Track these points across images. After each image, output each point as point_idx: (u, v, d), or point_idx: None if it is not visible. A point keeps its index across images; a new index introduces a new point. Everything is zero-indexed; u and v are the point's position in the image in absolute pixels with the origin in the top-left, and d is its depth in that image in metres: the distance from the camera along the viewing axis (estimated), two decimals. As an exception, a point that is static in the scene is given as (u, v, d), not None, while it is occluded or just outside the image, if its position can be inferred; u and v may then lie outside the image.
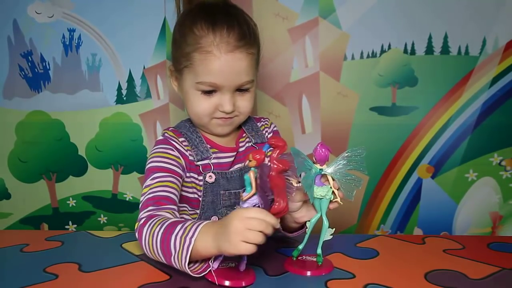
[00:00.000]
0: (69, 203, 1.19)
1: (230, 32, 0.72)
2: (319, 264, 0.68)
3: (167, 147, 0.77)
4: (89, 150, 1.17)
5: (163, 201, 0.71)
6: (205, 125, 0.78)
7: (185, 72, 0.76)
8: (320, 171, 0.65)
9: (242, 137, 0.85)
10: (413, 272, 0.67)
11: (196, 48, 0.72)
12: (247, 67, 0.74)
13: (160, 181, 0.73)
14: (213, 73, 0.72)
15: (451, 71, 1.13)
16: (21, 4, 1.11)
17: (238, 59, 0.73)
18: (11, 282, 0.64)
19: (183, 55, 0.75)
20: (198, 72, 0.73)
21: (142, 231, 0.67)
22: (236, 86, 0.75)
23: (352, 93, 1.14)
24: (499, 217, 1.17)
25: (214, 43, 0.71)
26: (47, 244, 0.81)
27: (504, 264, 0.71)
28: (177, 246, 0.62)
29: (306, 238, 0.69)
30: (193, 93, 0.75)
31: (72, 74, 1.14)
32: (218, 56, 0.71)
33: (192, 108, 0.77)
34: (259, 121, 0.89)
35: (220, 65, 0.72)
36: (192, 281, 0.63)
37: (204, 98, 0.75)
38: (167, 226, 0.64)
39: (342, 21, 1.12)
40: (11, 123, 1.15)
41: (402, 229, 1.19)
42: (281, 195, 0.58)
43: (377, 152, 1.15)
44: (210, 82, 0.73)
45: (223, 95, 0.74)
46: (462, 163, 1.15)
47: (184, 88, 0.77)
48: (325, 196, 0.65)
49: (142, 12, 1.12)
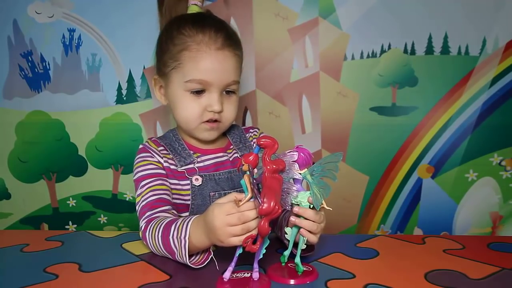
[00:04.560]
0: (69, 203, 1.19)
1: (218, 32, 0.74)
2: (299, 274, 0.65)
3: (146, 154, 0.80)
4: (89, 150, 1.17)
5: (157, 203, 0.74)
6: (193, 130, 0.79)
7: (173, 75, 0.77)
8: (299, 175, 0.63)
9: (229, 149, 0.86)
10: (413, 272, 0.67)
11: (186, 46, 0.74)
12: (234, 67, 0.76)
13: (149, 187, 0.76)
14: (202, 70, 0.74)
15: (451, 71, 1.13)
16: (21, 4, 1.11)
17: (227, 57, 0.75)
18: (11, 282, 0.64)
19: (170, 57, 0.76)
20: (188, 71, 0.74)
21: (145, 237, 0.72)
22: (224, 85, 0.76)
23: (352, 93, 1.14)
24: (499, 217, 1.17)
25: (203, 41, 0.73)
26: (47, 244, 0.81)
27: (504, 264, 0.71)
28: (176, 245, 0.65)
29: (291, 244, 0.67)
30: (181, 95, 0.76)
31: (72, 74, 1.14)
32: (208, 53, 0.73)
33: (181, 112, 0.78)
34: (247, 132, 0.90)
35: (210, 61, 0.73)
36: (192, 281, 0.63)
37: (193, 99, 0.76)
38: (163, 229, 0.68)
39: (342, 21, 1.12)
40: (11, 123, 1.15)
41: (402, 229, 1.19)
42: (270, 195, 0.55)
43: (377, 152, 1.15)
44: (200, 79, 0.74)
45: (212, 95, 0.75)
46: (462, 163, 1.15)
47: (171, 92, 0.78)
48: (302, 202, 0.63)
49: (142, 12, 1.12)
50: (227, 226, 0.58)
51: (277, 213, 0.55)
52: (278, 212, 0.55)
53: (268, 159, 0.57)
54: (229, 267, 0.62)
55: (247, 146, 0.87)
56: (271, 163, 0.57)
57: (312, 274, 0.65)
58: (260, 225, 0.55)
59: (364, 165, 1.16)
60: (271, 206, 0.54)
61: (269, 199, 0.54)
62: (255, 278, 0.61)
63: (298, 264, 0.65)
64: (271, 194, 0.55)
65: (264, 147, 0.58)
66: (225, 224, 0.58)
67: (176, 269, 0.68)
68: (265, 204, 0.54)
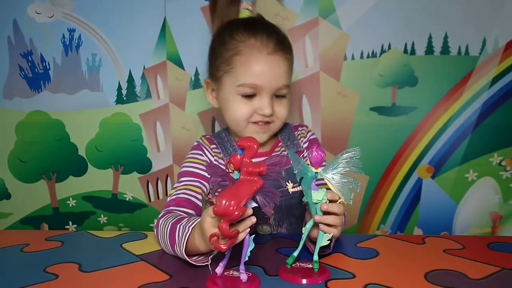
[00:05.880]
0: (69, 203, 1.19)
1: (269, 37, 0.76)
2: (315, 271, 0.65)
3: (198, 152, 0.83)
4: (89, 150, 1.17)
5: (184, 203, 0.77)
6: (242, 131, 0.81)
7: (225, 78, 0.78)
8: (316, 174, 0.63)
9: (278, 146, 0.87)
10: (413, 272, 0.67)
11: (238, 51, 0.76)
12: (285, 71, 0.78)
13: (185, 185, 0.79)
14: (254, 74, 0.75)
15: (451, 71, 1.13)
16: (21, 4, 1.11)
17: (278, 61, 0.76)
18: (11, 282, 0.64)
19: (223, 61, 0.78)
20: (239, 75, 0.76)
21: (158, 224, 0.73)
22: (275, 89, 0.77)
23: (352, 93, 1.14)
24: (499, 217, 1.17)
25: (255, 46, 0.75)
26: (47, 244, 0.81)
27: (504, 264, 0.70)
28: (179, 234, 0.66)
29: (301, 245, 0.66)
30: (233, 99, 0.78)
31: (72, 74, 1.14)
32: (259, 57, 0.75)
33: (231, 114, 0.80)
34: (296, 129, 0.91)
35: (261, 66, 0.75)
36: (192, 281, 0.63)
37: (244, 102, 0.78)
38: (177, 219, 0.70)
39: (342, 21, 1.12)
40: (11, 123, 1.16)
41: (402, 229, 1.19)
42: (226, 195, 0.53)
43: (377, 152, 1.15)
44: (251, 83, 0.75)
45: (262, 98, 0.77)
46: (462, 163, 1.15)
47: (223, 95, 0.80)
48: (321, 200, 0.63)
49: (142, 12, 1.12)
50: (214, 229, 0.58)
51: (233, 215, 0.52)
52: (235, 214, 0.52)
53: (247, 160, 0.56)
54: (221, 263, 0.62)
55: (295, 144, 0.87)
56: (248, 165, 0.56)
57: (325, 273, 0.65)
58: (219, 225, 0.54)
59: (364, 165, 1.15)
60: (222, 205, 0.52)
61: (222, 198, 0.52)
62: (243, 280, 0.61)
63: (316, 261, 0.65)
64: (229, 195, 0.53)
65: (243, 148, 0.57)
66: (212, 227, 0.58)
67: (176, 269, 0.67)
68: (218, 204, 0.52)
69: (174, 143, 1.17)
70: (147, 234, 0.86)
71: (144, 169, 1.18)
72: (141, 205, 1.19)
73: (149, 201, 1.19)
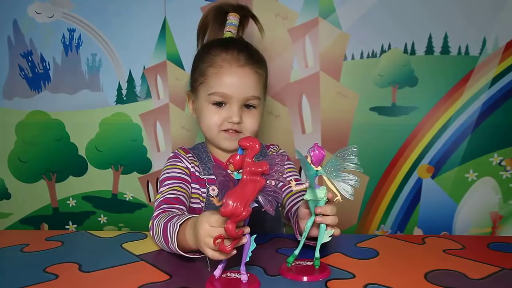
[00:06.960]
0: (69, 203, 1.19)
1: (240, 52, 0.82)
2: (316, 268, 0.66)
3: (176, 160, 0.87)
4: (89, 150, 1.17)
5: (173, 201, 0.79)
6: (214, 138, 0.85)
7: (200, 89, 0.84)
8: (316, 172, 0.64)
9: None
10: (413, 272, 0.67)
11: (211, 64, 0.82)
12: (254, 83, 0.83)
13: (170, 187, 0.82)
14: (224, 84, 0.81)
15: (451, 71, 1.13)
16: (21, 4, 1.11)
17: (247, 74, 0.82)
18: (11, 282, 0.64)
19: (199, 73, 0.84)
20: (211, 84, 0.82)
21: (153, 225, 0.75)
22: (243, 98, 0.82)
23: (352, 93, 1.14)
24: (499, 217, 1.17)
25: (226, 59, 0.81)
26: (47, 244, 0.81)
27: (504, 264, 0.70)
28: (170, 231, 0.68)
29: (302, 243, 0.67)
30: (206, 107, 0.84)
31: (72, 74, 1.14)
32: (229, 69, 0.81)
33: (205, 121, 0.85)
34: (268, 148, 0.95)
35: (231, 76, 0.81)
36: (192, 281, 0.63)
37: (215, 110, 0.83)
38: (169, 217, 0.71)
39: (342, 21, 1.12)
40: (11, 123, 1.16)
41: (402, 229, 1.19)
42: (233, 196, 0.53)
43: (377, 152, 1.15)
44: (221, 92, 0.81)
45: (231, 107, 0.82)
46: (462, 163, 1.15)
47: (198, 104, 0.86)
48: (323, 198, 0.64)
49: (142, 13, 1.12)
50: (208, 237, 0.59)
51: (241, 215, 0.53)
52: (242, 214, 0.53)
53: (249, 160, 0.56)
54: (219, 265, 0.62)
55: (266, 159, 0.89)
56: (250, 165, 0.56)
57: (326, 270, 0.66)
58: (225, 227, 0.54)
59: (364, 165, 1.15)
60: (230, 206, 0.52)
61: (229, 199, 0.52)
62: (244, 281, 0.61)
63: (317, 258, 0.66)
64: (235, 196, 0.53)
65: (244, 148, 0.57)
66: (206, 234, 0.59)
67: (176, 269, 0.67)
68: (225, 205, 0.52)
69: (174, 143, 1.17)
70: (147, 234, 0.86)
71: (144, 169, 1.18)
72: (141, 205, 1.19)
73: (149, 201, 1.19)
